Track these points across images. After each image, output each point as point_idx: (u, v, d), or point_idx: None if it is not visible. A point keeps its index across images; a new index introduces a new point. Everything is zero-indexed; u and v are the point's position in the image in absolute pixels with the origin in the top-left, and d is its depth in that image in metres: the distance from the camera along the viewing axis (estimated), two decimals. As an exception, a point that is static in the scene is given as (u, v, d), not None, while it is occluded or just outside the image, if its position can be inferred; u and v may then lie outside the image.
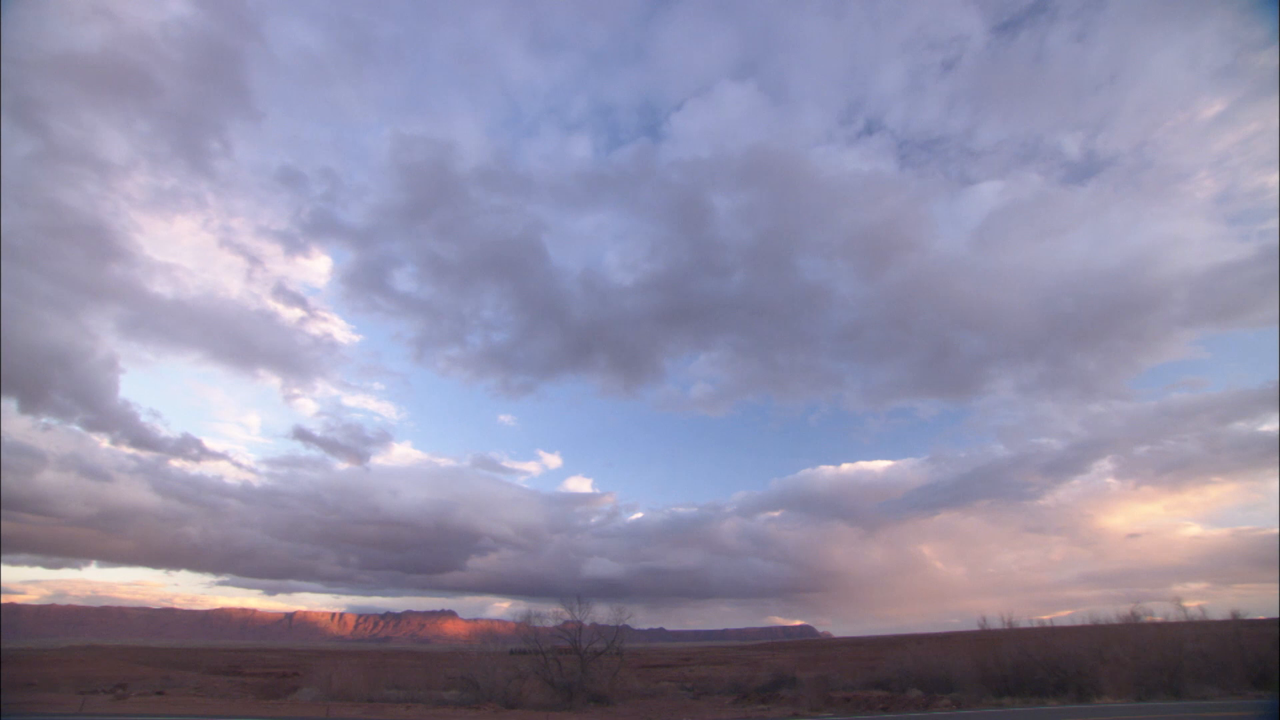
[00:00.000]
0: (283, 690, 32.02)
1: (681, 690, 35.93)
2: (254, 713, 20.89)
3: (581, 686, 27.32)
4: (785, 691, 30.91)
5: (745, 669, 46.68)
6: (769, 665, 40.71)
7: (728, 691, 33.74)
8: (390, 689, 29.92)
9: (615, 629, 29.33)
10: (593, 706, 25.87)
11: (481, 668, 27.13)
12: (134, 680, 36.81)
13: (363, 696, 27.59)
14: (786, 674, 34.95)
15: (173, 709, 20.68)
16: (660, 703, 28.47)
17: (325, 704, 24.70)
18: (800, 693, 29.39)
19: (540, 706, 25.54)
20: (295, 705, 24.81)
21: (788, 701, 26.82)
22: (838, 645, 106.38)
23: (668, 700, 30.14)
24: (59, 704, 21.19)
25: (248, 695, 30.28)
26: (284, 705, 24.58)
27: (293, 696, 28.85)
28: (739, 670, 46.73)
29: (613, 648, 28.91)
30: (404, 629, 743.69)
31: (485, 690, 26.06)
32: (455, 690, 29.30)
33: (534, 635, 29.72)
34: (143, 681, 36.44)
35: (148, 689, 30.64)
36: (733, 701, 28.71)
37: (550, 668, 28.23)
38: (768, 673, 36.48)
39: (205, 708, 21.48)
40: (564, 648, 29.23)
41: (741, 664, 59.12)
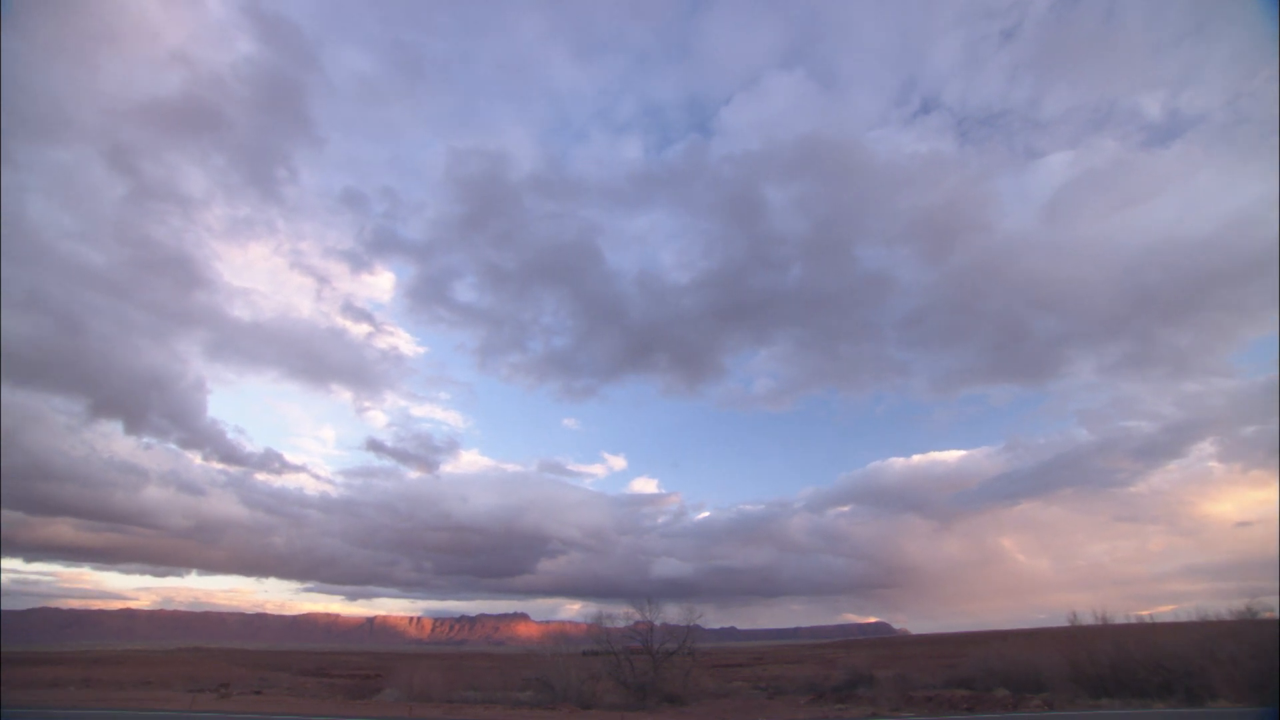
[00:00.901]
0: (367, 691, 33.40)
1: (755, 690, 35.53)
2: (343, 712, 21.86)
3: (655, 687, 27.38)
4: (863, 691, 30.15)
5: (819, 668, 45.77)
6: (844, 664, 39.73)
7: (802, 691, 33.16)
8: (468, 690, 30.77)
9: (686, 629, 29.27)
10: (667, 706, 25.89)
11: (555, 669, 27.55)
12: (234, 680, 39.12)
13: (442, 697, 28.49)
14: (863, 673, 34.06)
15: (271, 708, 21.87)
16: (734, 702, 28.25)
17: (408, 704, 25.61)
18: (878, 692, 28.60)
19: (615, 707, 25.74)
20: (380, 705, 25.81)
21: (866, 701, 26.14)
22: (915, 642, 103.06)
23: (742, 700, 29.86)
24: (172, 701, 22.74)
25: (336, 696, 31.74)
26: (370, 705, 25.61)
27: (377, 697, 30.06)
28: (813, 669, 45.86)
29: (684, 647, 28.87)
30: (479, 632, 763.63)
31: (560, 691, 26.46)
32: (530, 691, 29.86)
33: (605, 636, 29.94)
34: (242, 682, 38.69)
35: (247, 689, 32.51)
36: (808, 701, 28.20)
37: (623, 668, 28.41)
38: (843, 671, 35.63)
39: (300, 707, 22.63)
40: (636, 648, 29.36)
41: (815, 662, 57.97)
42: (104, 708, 21.10)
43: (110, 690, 29.29)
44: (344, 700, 28.52)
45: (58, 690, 28.64)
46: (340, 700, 28.43)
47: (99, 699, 24.51)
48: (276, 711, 20.76)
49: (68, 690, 28.79)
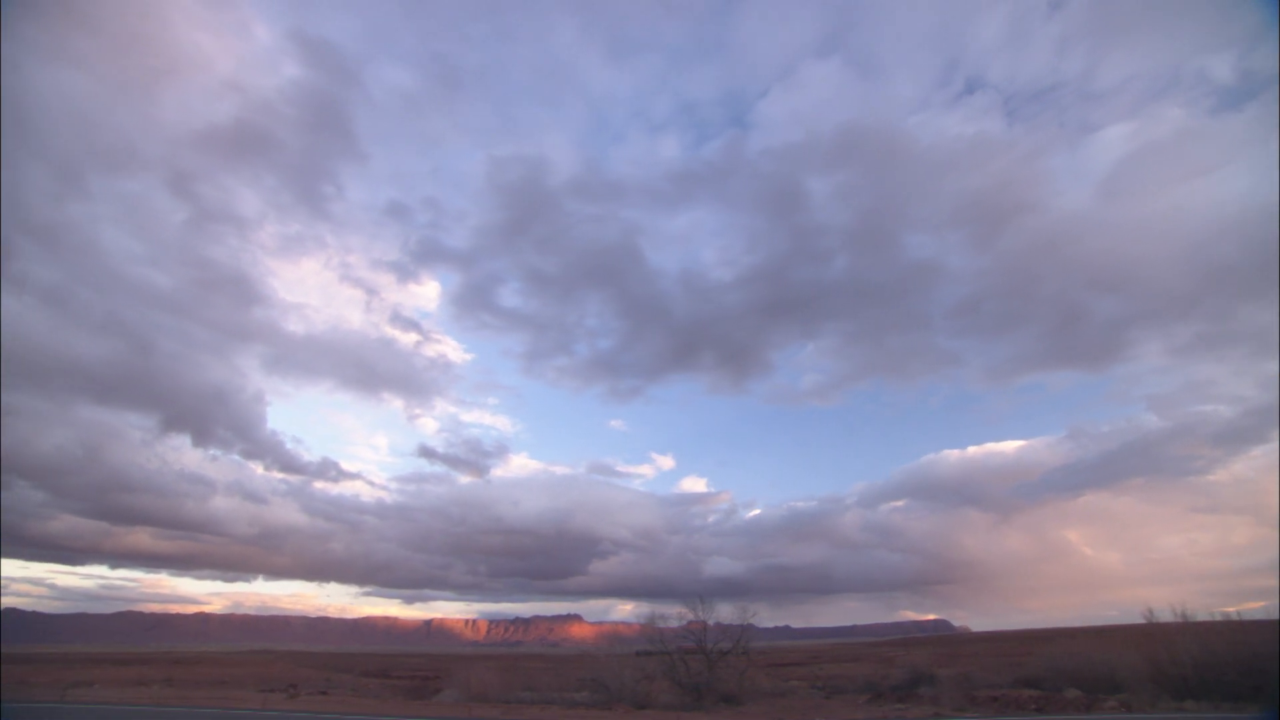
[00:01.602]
0: (427, 692, 34.20)
1: (812, 689, 34.98)
2: (405, 712, 22.45)
3: (710, 687, 27.22)
4: (924, 690, 29.32)
5: (878, 666, 44.78)
6: (903, 662, 38.70)
7: (861, 690, 32.49)
8: (524, 691, 31.17)
9: (740, 628, 28.97)
10: (723, 707, 25.70)
11: (610, 669, 27.67)
12: (302, 681, 40.63)
13: (499, 698, 28.93)
14: (923, 671, 33.13)
15: (338, 708, 22.62)
16: (791, 702, 27.86)
17: (467, 705, 26.12)
18: (940, 691, 27.75)
19: (670, 707, 25.69)
20: (440, 706, 26.41)
21: (928, 701, 25.41)
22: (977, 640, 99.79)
23: (799, 699, 29.43)
24: (246, 700, 23.77)
25: (397, 696, 32.63)
26: (430, 706, 26.22)
27: (437, 698, 30.75)
28: (871, 668, 44.89)
29: (739, 647, 28.59)
30: (533, 633, 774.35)
31: (615, 691, 26.56)
32: (586, 692, 30.08)
33: (659, 636, 29.89)
34: (309, 683, 40.14)
35: (314, 689, 33.71)
36: (867, 700, 27.59)
37: (677, 668, 28.34)
38: (902, 670, 34.72)
39: (364, 707, 23.35)
40: (690, 648, 29.24)
41: (873, 661, 56.76)
42: (176, 706, 22.18)
43: (190, 689, 30.79)
44: (405, 701, 29.28)
45: (143, 689, 30.24)
46: (401, 701, 29.20)
47: (180, 698, 25.79)
48: (343, 711, 21.46)
49: (152, 689, 30.37)
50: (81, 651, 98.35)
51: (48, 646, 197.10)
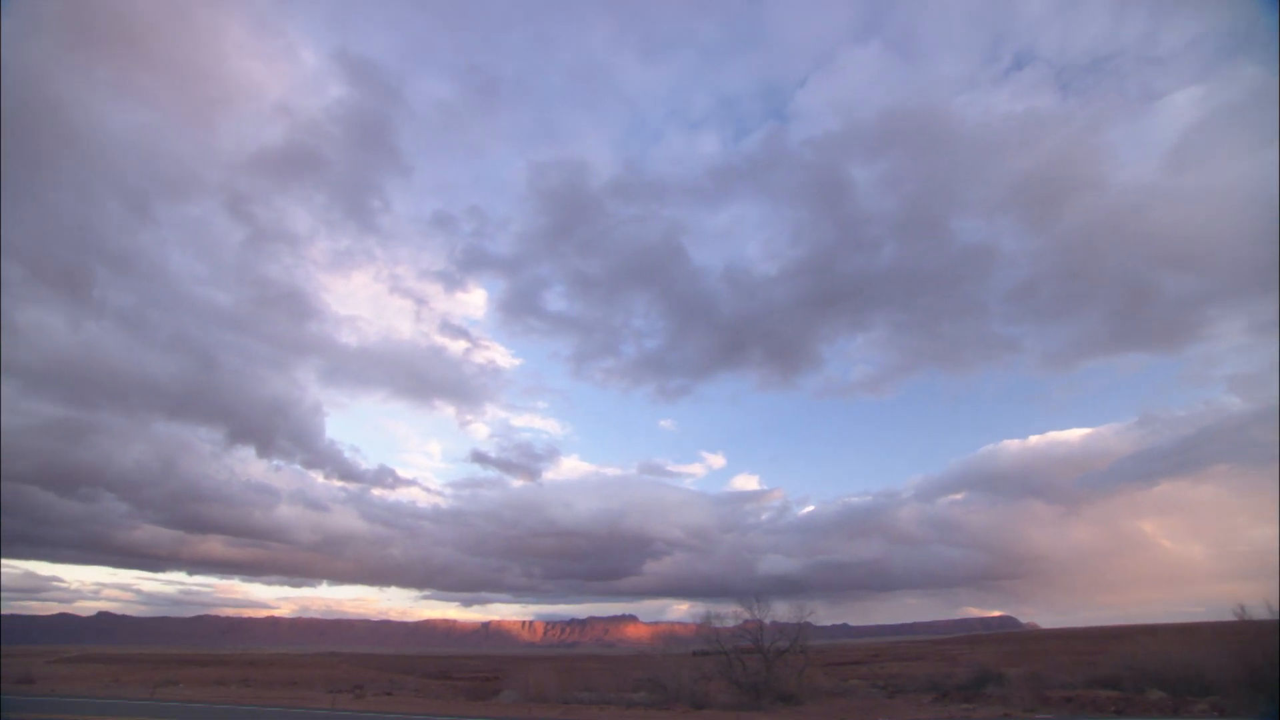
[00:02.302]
0: (487, 693, 34.83)
1: (873, 688, 34.20)
2: (467, 712, 22.93)
3: (768, 686, 26.91)
4: (991, 689, 28.30)
5: (941, 665, 43.51)
6: (968, 660, 37.51)
7: (924, 689, 31.58)
8: (582, 691, 31.44)
9: (797, 626, 28.54)
10: (781, 706, 25.38)
11: (667, 669, 27.66)
12: (367, 682, 41.92)
13: (558, 698, 29.25)
14: (990, 670, 31.99)
15: (403, 708, 23.27)
16: (852, 701, 27.30)
17: (526, 705, 26.50)
18: (1009, 691, 26.73)
19: (728, 707, 25.51)
20: (500, 706, 26.86)
21: (996, 701, 24.51)
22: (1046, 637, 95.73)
23: (860, 699, 28.82)
24: (316, 700, 24.69)
25: (459, 697, 33.34)
26: (491, 706, 26.70)
27: (497, 698, 31.28)
28: (934, 666, 43.65)
29: (796, 646, 28.16)
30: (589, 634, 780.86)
31: (672, 691, 26.53)
32: (643, 692, 30.13)
33: (715, 636, 29.69)
34: (374, 684, 41.39)
35: (379, 690, 34.75)
36: (932, 700, 26.79)
37: (735, 668, 28.11)
38: (968, 668, 33.63)
39: (428, 707, 23.95)
40: (746, 647, 28.96)
41: (936, 659, 55.21)
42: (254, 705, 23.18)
43: (264, 689, 32.17)
44: (466, 701, 29.90)
45: (222, 688, 31.74)
46: (463, 702, 29.83)
47: (256, 697, 26.96)
48: (408, 712, 22.06)
49: (230, 688, 31.85)
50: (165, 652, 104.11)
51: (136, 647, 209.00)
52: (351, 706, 23.53)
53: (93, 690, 27.62)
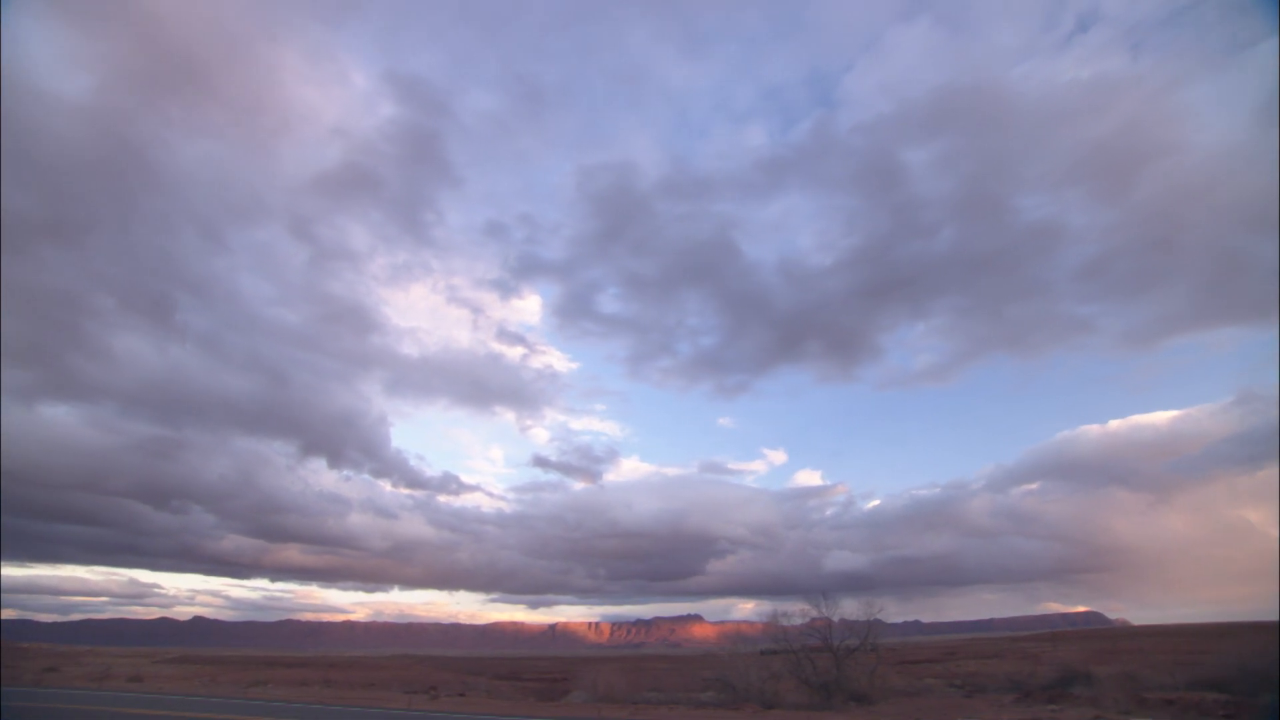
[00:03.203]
0: (556, 694, 35.30)
1: (950, 687, 33.04)
2: (538, 713, 23.30)
3: (839, 685, 26.34)
4: (1079, 690, 26.87)
5: (1022, 663, 41.62)
6: (1051, 659, 35.81)
7: (1005, 689, 30.26)
8: (650, 691, 31.51)
9: (867, 624, 27.84)
10: (854, 706, 24.79)
11: (735, 669, 27.41)
12: (440, 684, 43.13)
13: (626, 699, 29.38)
14: (1077, 669, 30.40)
15: (476, 708, 23.85)
16: (928, 701, 26.42)
17: (596, 705, 26.73)
18: (1100, 692, 25.30)
19: (799, 706, 25.09)
20: (570, 707, 27.17)
21: (1085, 702, 23.24)
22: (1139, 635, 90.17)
23: (936, 699, 27.86)
24: (393, 701, 25.58)
25: (529, 698, 33.91)
26: (561, 707, 27.05)
27: (567, 699, 31.67)
28: (1014, 665, 41.79)
29: (867, 644, 27.47)
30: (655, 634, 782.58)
31: (741, 691, 26.28)
32: (711, 692, 29.96)
33: (782, 634, 29.28)
34: (447, 685, 42.55)
35: (452, 691, 35.70)
36: (1014, 700, 25.64)
37: (804, 667, 27.64)
38: (1052, 667, 32.05)
39: (500, 708, 24.46)
40: (815, 646, 28.44)
41: (1016, 657, 52.87)
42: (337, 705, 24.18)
43: (345, 690, 33.54)
44: (536, 702, 30.38)
45: (306, 688, 33.27)
46: (533, 702, 30.32)
47: (338, 697, 28.16)
48: (481, 712, 22.60)
49: (313, 689, 33.35)
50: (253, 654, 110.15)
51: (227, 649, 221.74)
52: (427, 707, 24.26)
53: (193, 689, 29.41)
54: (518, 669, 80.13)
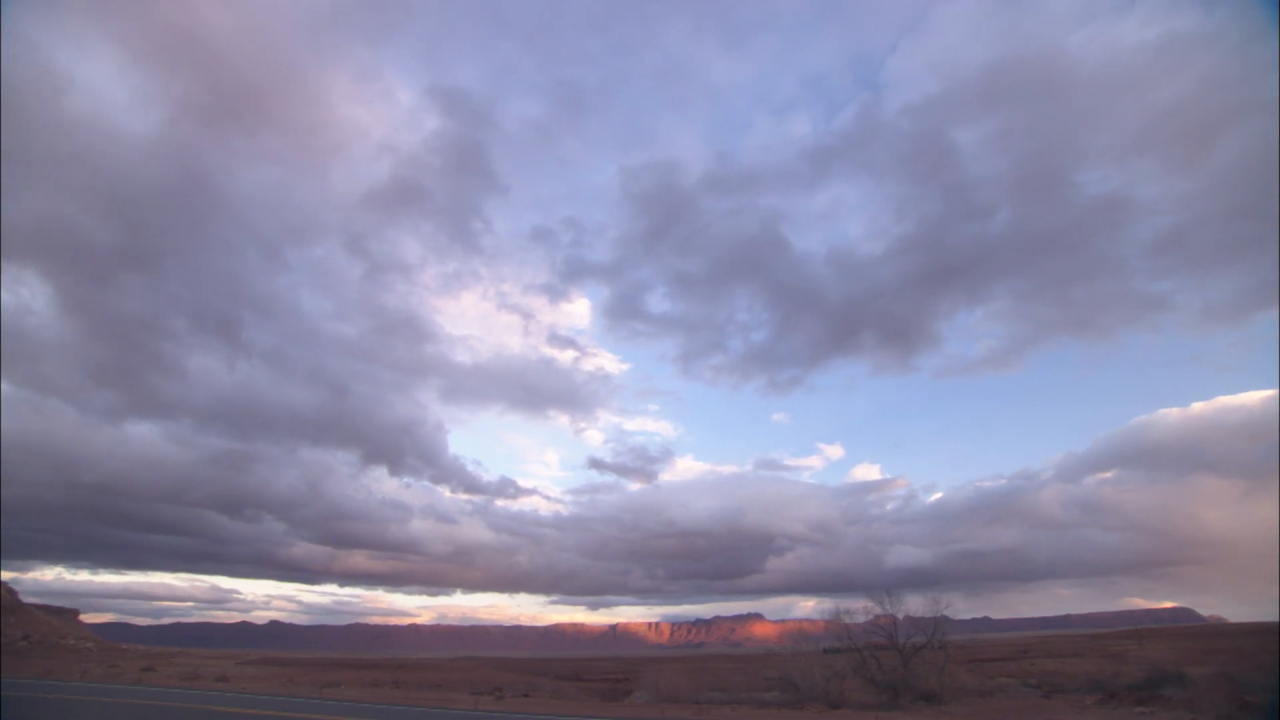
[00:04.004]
0: (619, 694, 35.47)
1: (1025, 687, 31.66)
2: (602, 713, 23.43)
3: (906, 684, 25.60)
4: (1171, 691, 25.30)
5: (1103, 662, 39.52)
6: (1137, 658, 33.84)
7: (1086, 689, 28.76)
8: (713, 691, 31.30)
9: (933, 620, 26.98)
10: (923, 705, 24.03)
11: (798, 668, 26.97)
12: (505, 684, 43.90)
13: (689, 699, 29.26)
14: (1168, 669, 28.62)
15: (540, 709, 24.16)
16: (1003, 701, 25.38)
17: (660, 705, 26.71)
18: (1196, 693, 23.71)
19: (865, 706, 24.49)
20: (633, 707, 27.25)
21: (1179, 705, 21.87)
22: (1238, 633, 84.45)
23: (1011, 699, 26.73)
24: (460, 702, 26.18)
25: (592, 698, 34.18)
26: (625, 707, 27.16)
27: (629, 699, 31.79)
28: (1095, 663, 39.72)
29: (934, 641, 26.61)
30: (715, 634, 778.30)
31: (806, 691, 25.83)
32: (775, 691, 29.56)
33: (846, 632, 28.67)
34: (511, 686, 43.29)
35: (516, 692, 36.28)
36: (1096, 702, 24.36)
37: (869, 665, 26.98)
38: (1138, 667, 30.28)
39: (565, 709, 24.72)
40: (880, 644, 27.73)
41: (1097, 656, 50.31)
42: (407, 705, 24.88)
43: (414, 691, 34.51)
44: (600, 702, 30.60)
45: (377, 689, 34.40)
46: (597, 702, 30.55)
47: (408, 698, 28.99)
48: (546, 712, 22.87)
49: (384, 689, 34.45)
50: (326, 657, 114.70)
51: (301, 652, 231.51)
52: (494, 708, 24.72)
53: (274, 689, 30.81)
54: (580, 670, 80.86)
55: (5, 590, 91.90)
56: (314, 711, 20.60)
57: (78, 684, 28.37)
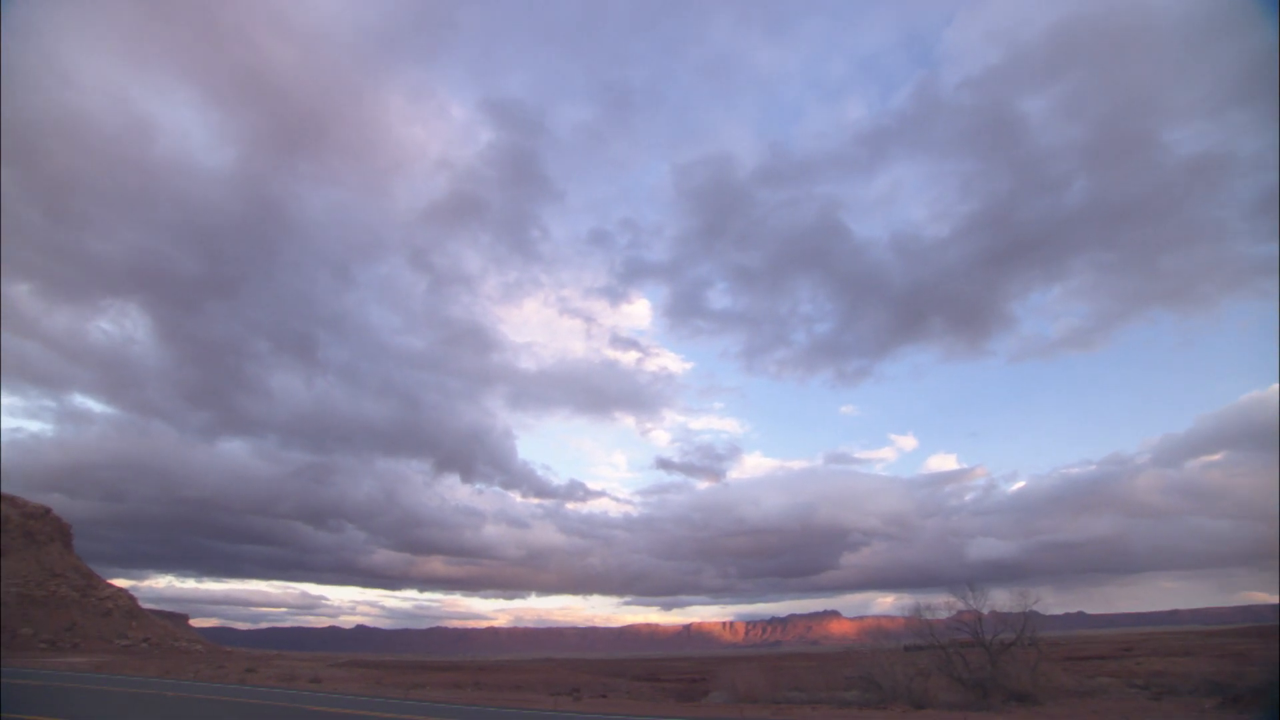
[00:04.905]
0: (696, 694, 35.29)
1: (1130, 688, 29.63)
2: (679, 713, 23.37)
3: (996, 683, 24.40)
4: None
5: (1221, 661, 36.53)
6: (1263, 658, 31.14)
7: (1202, 692, 26.57)
8: (791, 691, 30.74)
9: (1022, 616, 25.64)
10: (1015, 706, 22.85)
11: (879, 666, 26.15)
12: (582, 685, 44.43)
13: (767, 699, 28.84)
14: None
15: (618, 709, 24.33)
16: (1105, 703, 23.83)
17: (738, 705, 26.43)
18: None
19: (952, 706, 23.50)
20: (711, 707, 27.04)
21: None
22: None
23: (1115, 700, 25.06)
24: (539, 703, 26.65)
25: (669, 698, 34.14)
26: (702, 707, 26.98)
27: (706, 699, 31.58)
28: (1210, 663, 36.72)
29: (1024, 638, 25.28)
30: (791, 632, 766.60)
31: (888, 690, 25.00)
32: (856, 690, 28.76)
33: (928, 629, 27.59)
34: (588, 686, 43.76)
35: (594, 693, 36.66)
36: (1215, 705, 22.51)
37: (954, 663, 25.87)
38: (1264, 667, 27.85)
39: (642, 709, 24.81)
40: (965, 640, 26.56)
41: (1212, 654, 46.59)
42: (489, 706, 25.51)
43: (495, 692, 35.36)
44: (677, 703, 30.53)
45: (459, 690, 35.44)
46: (674, 702, 30.50)
47: (489, 699, 29.75)
48: (624, 713, 23.01)
49: (466, 691, 35.45)
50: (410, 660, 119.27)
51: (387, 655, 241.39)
52: (573, 708, 25.04)
53: (364, 690, 32.20)
54: (655, 670, 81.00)
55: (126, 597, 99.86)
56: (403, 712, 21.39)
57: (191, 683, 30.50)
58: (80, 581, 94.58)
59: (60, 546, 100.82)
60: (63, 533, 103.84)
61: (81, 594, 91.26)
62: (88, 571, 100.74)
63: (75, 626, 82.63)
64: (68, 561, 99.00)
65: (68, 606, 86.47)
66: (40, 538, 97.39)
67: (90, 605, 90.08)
